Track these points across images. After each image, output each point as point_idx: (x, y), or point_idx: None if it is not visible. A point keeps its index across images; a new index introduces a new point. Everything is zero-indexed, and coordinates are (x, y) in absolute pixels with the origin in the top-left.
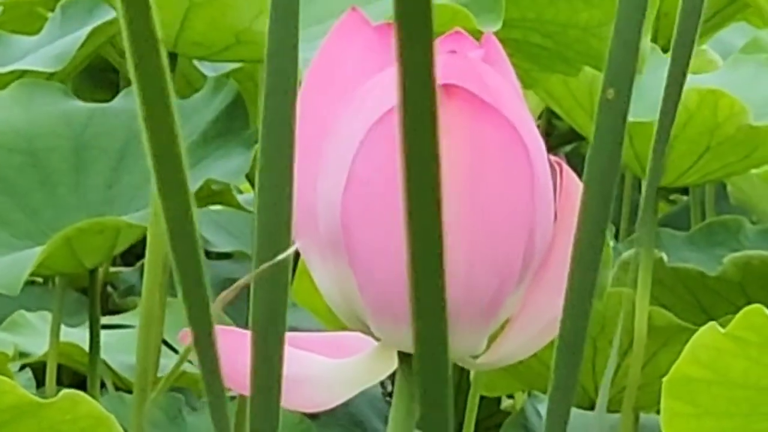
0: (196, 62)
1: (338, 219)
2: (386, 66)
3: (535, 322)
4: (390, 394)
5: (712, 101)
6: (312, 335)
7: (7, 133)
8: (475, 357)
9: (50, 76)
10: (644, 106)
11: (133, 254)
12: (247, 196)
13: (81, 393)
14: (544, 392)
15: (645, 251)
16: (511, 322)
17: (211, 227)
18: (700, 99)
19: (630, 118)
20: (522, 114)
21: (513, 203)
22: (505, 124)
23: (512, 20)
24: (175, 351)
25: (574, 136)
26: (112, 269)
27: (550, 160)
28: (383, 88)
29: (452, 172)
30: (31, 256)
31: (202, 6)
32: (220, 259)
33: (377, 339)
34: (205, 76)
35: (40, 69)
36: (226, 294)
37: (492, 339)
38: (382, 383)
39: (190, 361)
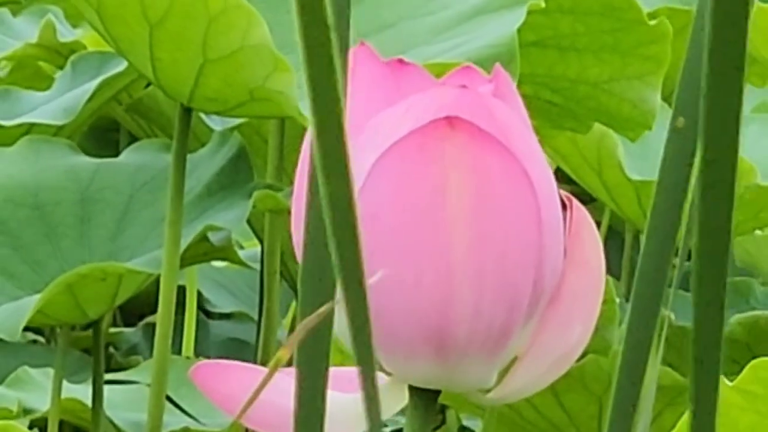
0: (203, 115)
1: None
2: (395, 101)
3: (545, 357)
4: None
5: None
6: None
7: (13, 188)
8: (486, 392)
9: (58, 130)
10: (652, 164)
11: (135, 315)
12: (248, 251)
13: None
14: None
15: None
16: (521, 357)
17: (213, 287)
18: None
19: (637, 177)
20: (530, 147)
21: (519, 237)
22: (509, 157)
23: (522, 75)
24: (180, 408)
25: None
26: (114, 329)
27: (560, 195)
28: (392, 122)
29: (457, 204)
30: (31, 303)
31: (216, 63)
32: (221, 319)
33: (388, 374)
34: (211, 130)
35: (48, 122)
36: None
37: (502, 374)
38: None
39: (194, 418)
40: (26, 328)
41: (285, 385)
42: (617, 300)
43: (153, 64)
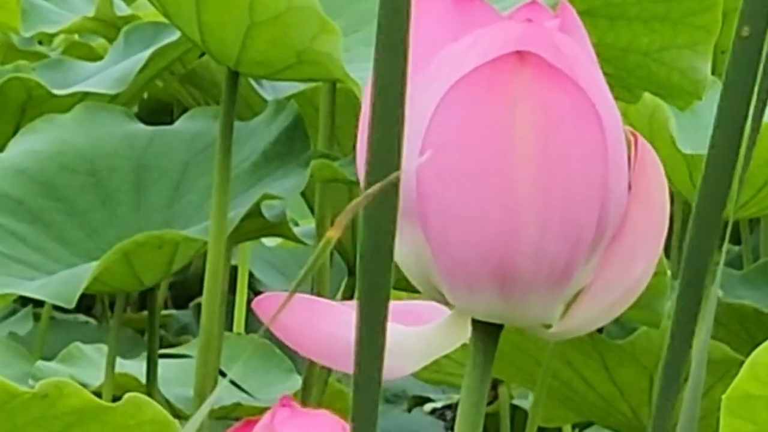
0: (255, 85)
1: (413, 185)
2: (461, 35)
3: (608, 292)
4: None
5: None
6: None
7: (69, 154)
8: (548, 327)
9: (111, 100)
10: (704, 137)
11: (185, 298)
12: (303, 228)
13: (145, 397)
14: (601, 424)
15: (713, 284)
16: (584, 292)
17: (263, 266)
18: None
19: (689, 150)
20: (597, 83)
21: (585, 171)
22: (578, 92)
23: None
24: (232, 383)
25: None
26: (165, 312)
27: (625, 131)
28: (458, 57)
29: (524, 138)
30: (88, 270)
31: (263, 25)
32: None
33: (451, 307)
34: (264, 100)
35: (101, 91)
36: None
37: (566, 309)
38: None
39: (248, 393)
40: (78, 309)
41: (346, 317)
42: (668, 273)
43: (200, 28)
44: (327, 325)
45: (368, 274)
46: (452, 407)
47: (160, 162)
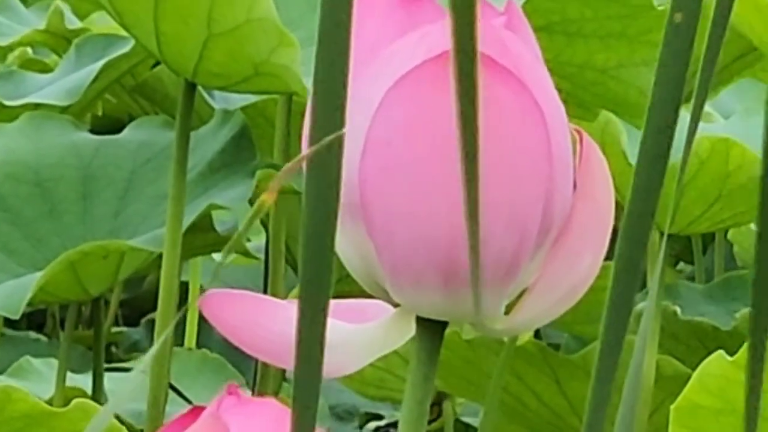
0: (207, 96)
1: (356, 181)
2: (407, 31)
3: (554, 288)
4: None
5: (724, 150)
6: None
7: (15, 164)
8: (494, 324)
9: (62, 111)
10: None
11: (136, 316)
12: (255, 244)
13: (93, 403)
14: None
15: (653, 298)
16: (530, 289)
17: (215, 282)
18: (712, 147)
19: None
20: (542, 81)
21: (530, 168)
22: (522, 89)
23: None
24: (183, 397)
25: None
26: (116, 329)
27: (570, 128)
28: (404, 53)
29: None
30: (33, 280)
31: (221, 37)
32: None
33: (396, 305)
34: (214, 109)
35: (52, 102)
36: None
37: (512, 307)
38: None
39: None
40: (28, 326)
41: (288, 314)
42: None
43: (158, 39)
44: (272, 323)
45: (310, 244)
46: (396, 424)
47: (107, 171)
